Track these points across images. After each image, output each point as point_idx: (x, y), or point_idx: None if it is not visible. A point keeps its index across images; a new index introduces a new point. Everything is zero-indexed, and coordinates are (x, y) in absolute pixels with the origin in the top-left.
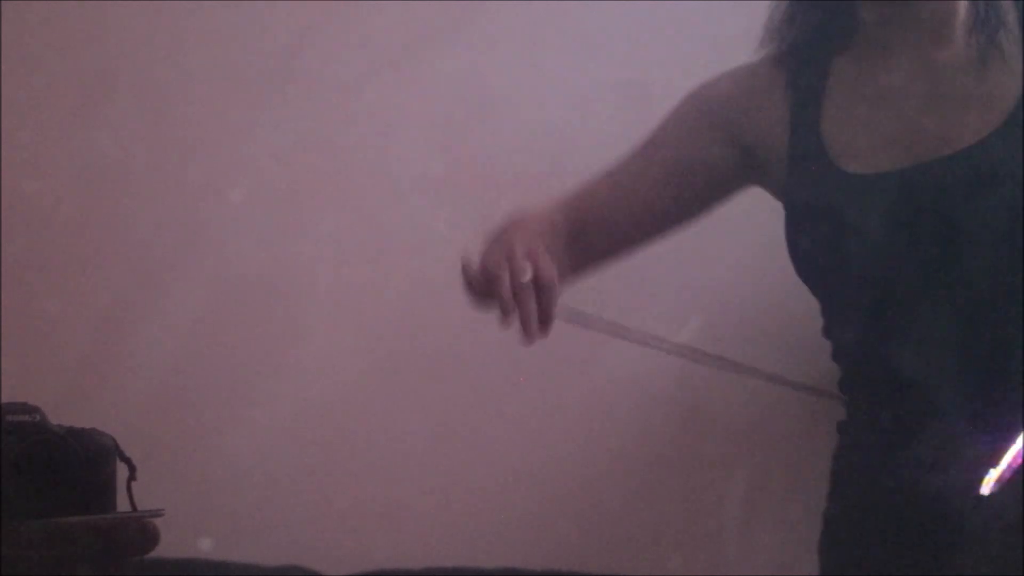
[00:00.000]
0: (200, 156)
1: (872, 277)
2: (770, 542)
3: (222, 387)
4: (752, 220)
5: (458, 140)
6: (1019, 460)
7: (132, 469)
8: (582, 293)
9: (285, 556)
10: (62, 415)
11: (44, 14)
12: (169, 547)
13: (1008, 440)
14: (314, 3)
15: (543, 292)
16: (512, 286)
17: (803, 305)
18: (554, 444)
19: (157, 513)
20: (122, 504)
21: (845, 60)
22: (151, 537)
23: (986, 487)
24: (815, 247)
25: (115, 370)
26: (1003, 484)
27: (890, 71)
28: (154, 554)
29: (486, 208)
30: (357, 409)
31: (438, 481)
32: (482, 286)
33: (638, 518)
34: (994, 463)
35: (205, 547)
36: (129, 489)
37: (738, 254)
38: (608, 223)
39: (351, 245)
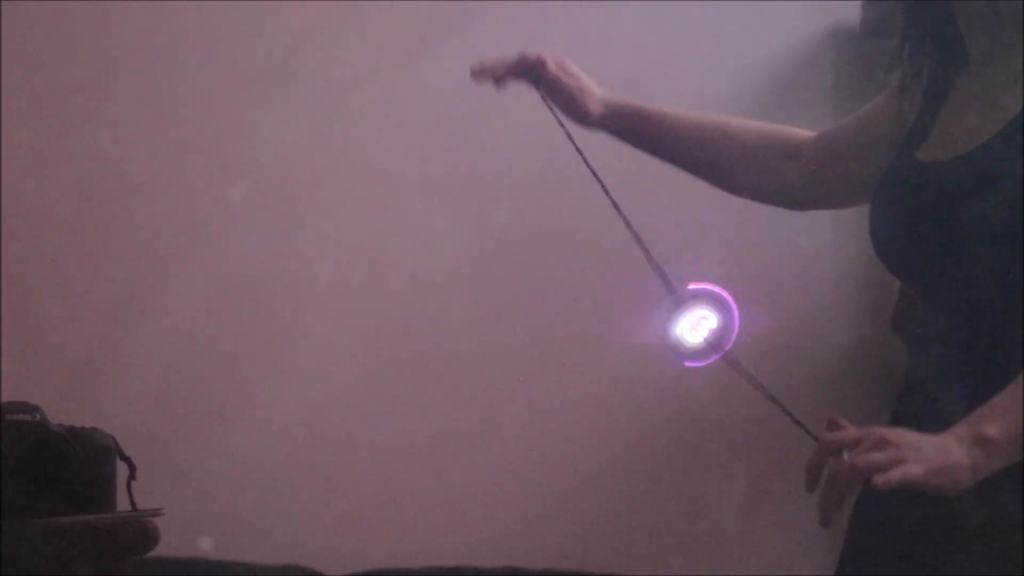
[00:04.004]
0: (200, 156)
1: (891, 260)
2: (770, 542)
3: (222, 387)
4: (752, 220)
5: (458, 140)
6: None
7: (132, 469)
8: (584, 294)
9: (285, 556)
10: (62, 415)
11: (44, 14)
12: (169, 547)
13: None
14: (314, 3)
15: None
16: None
17: (802, 305)
18: (554, 444)
19: (157, 513)
20: (122, 504)
21: (966, 74)
22: (151, 537)
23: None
24: (876, 227)
25: (115, 370)
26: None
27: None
28: (154, 554)
29: (486, 208)
30: (357, 409)
31: (438, 481)
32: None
33: (638, 518)
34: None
35: (205, 547)
36: (129, 489)
37: (738, 254)
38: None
39: (351, 245)
